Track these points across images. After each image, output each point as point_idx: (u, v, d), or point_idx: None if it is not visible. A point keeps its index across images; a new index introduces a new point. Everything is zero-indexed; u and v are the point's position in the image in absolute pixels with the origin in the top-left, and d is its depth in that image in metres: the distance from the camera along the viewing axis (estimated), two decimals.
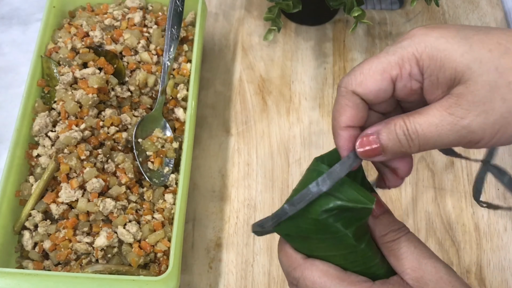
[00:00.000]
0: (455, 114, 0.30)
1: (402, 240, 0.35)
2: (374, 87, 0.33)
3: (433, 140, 0.31)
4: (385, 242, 0.35)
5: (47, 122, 0.55)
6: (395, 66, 0.32)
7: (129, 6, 0.63)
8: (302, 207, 0.34)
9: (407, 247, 0.35)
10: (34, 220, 0.52)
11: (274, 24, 0.61)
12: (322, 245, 0.36)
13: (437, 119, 0.31)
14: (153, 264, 0.51)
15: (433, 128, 0.31)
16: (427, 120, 0.31)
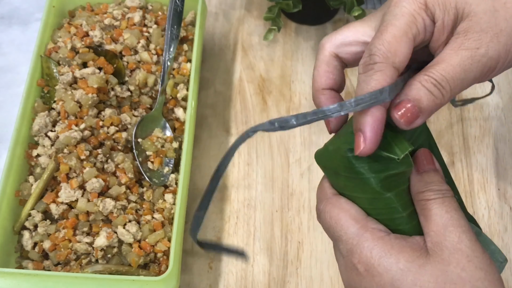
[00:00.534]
0: (470, 48, 0.31)
1: (436, 202, 0.33)
2: (407, 51, 0.32)
3: (461, 79, 0.32)
4: (419, 200, 0.34)
5: (46, 122, 0.55)
6: (412, 25, 0.32)
7: (129, 5, 0.63)
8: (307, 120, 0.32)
9: (439, 209, 0.33)
10: (34, 220, 0.52)
11: (274, 24, 0.61)
12: (350, 184, 0.35)
13: (457, 59, 0.31)
14: (153, 264, 0.51)
15: (458, 68, 0.31)
16: (449, 64, 0.31)
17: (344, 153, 0.34)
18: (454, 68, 0.31)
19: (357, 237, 0.34)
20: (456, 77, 0.31)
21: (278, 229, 0.58)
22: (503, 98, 0.66)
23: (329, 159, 0.36)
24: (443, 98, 0.32)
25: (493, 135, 0.64)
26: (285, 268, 0.56)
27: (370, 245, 0.33)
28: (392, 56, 0.32)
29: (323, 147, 0.37)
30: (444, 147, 0.63)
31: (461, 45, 0.31)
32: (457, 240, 0.32)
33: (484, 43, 0.31)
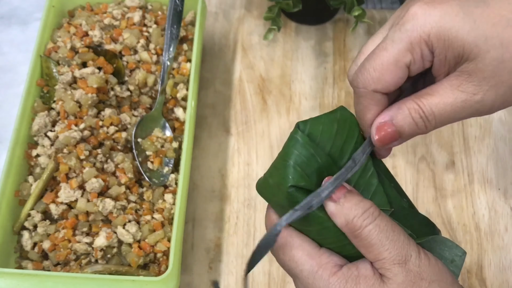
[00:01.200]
0: (467, 91, 0.31)
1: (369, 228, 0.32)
2: (392, 79, 0.33)
3: (448, 117, 0.32)
4: (351, 231, 0.32)
5: (46, 122, 0.55)
6: (407, 53, 0.32)
7: (129, 5, 0.63)
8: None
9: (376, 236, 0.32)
10: (34, 220, 0.52)
11: (274, 24, 0.61)
12: None
13: (451, 98, 0.32)
14: (152, 265, 0.51)
15: (448, 107, 0.32)
16: (442, 100, 0.32)
17: (286, 188, 0.34)
18: (445, 106, 0.32)
19: (312, 275, 0.33)
20: (445, 115, 0.32)
21: None
22: None
23: (271, 192, 0.36)
24: (425, 129, 0.33)
25: (493, 135, 0.64)
26: None
27: (325, 283, 0.32)
28: (375, 83, 0.33)
29: (263, 178, 0.37)
30: (444, 147, 0.63)
31: (460, 85, 0.32)
32: (403, 260, 0.31)
33: (483, 90, 0.31)
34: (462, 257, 0.37)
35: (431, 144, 0.63)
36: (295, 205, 0.34)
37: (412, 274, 0.31)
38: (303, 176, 0.34)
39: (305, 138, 0.35)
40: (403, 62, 0.32)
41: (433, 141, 0.63)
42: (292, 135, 0.35)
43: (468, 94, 0.31)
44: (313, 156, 0.34)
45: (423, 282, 0.31)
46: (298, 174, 0.34)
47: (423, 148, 0.63)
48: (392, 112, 0.33)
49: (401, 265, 0.31)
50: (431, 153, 0.62)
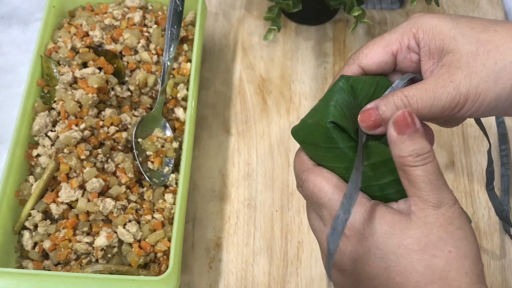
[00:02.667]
0: (445, 79, 0.36)
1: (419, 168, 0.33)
2: (376, 59, 0.39)
3: (429, 102, 0.36)
4: (402, 164, 0.34)
5: (47, 122, 0.55)
6: (395, 42, 0.39)
7: (129, 5, 0.63)
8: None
9: (422, 176, 0.33)
10: (34, 220, 0.52)
11: (274, 24, 0.61)
12: (329, 155, 0.37)
13: (432, 85, 0.36)
14: (153, 264, 0.51)
15: (430, 92, 0.36)
16: (423, 87, 0.36)
17: (325, 124, 0.37)
18: (427, 91, 0.36)
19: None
20: (425, 99, 0.36)
21: (278, 229, 0.58)
22: None
23: (308, 132, 0.39)
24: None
25: (493, 135, 0.64)
26: (285, 268, 0.56)
27: (353, 210, 0.34)
28: (361, 58, 0.40)
29: (301, 122, 0.40)
30: (444, 147, 0.63)
31: (441, 75, 0.36)
32: (438, 204, 0.33)
33: (458, 78, 0.35)
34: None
35: None
36: (331, 142, 0.37)
37: (442, 217, 0.33)
38: (342, 115, 0.37)
39: (348, 86, 0.38)
40: (390, 48, 0.39)
41: None
42: (336, 82, 0.39)
43: (446, 81, 0.35)
44: (351, 103, 0.38)
45: (451, 226, 0.33)
46: (338, 112, 0.37)
47: None
48: (378, 101, 0.37)
49: (434, 208, 0.33)
50: None
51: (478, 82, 0.35)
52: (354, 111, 0.38)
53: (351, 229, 0.34)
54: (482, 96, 0.35)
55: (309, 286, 0.55)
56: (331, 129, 0.37)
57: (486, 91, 0.35)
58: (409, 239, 0.33)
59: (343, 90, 0.38)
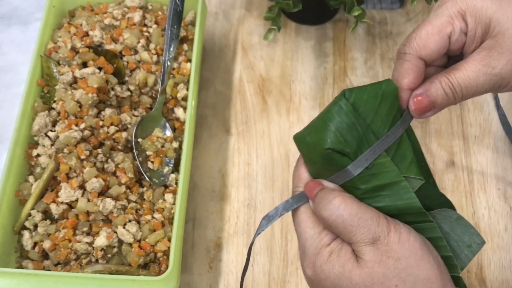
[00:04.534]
0: (487, 65, 0.36)
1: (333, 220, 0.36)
2: (436, 47, 0.38)
3: (473, 89, 0.37)
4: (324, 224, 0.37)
5: (46, 122, 0.55)
6: (448, 25, 0.38)
7: (129, 5, 0.63)
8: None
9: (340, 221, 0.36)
10: (34, 220, 0.52)
11: (274, 24, 0.61)
12: (326, 173, 0.38)
13: (474, 71, 0.36)
14: (153, 264, 0.51)
15: (473, 80, 0.36)
16: (466, 74, 0.36)
17: (323, 150, 0.37)
18: (470, 79, 0.36)
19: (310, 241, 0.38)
20: (470, 86, 0.37)
21: (278, 229, 0.58)
22: (503, 98, 0.66)
23: (307, 149, 0.39)
24: (454, 100, 0.38)
25: (493, 135, 0.64)
26: (285, 268, 0.56)
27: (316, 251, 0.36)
28: (420, 49, 0.38)
29: (301, 134, 0.40)
30: (444, 147, 0.63)
31: (481, 60, 0.36)
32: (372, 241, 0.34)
33: (500, 64, 0.36)
34: (479, 245, 0.39)
35: (431, 144, 0.63)
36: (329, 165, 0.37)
37: (379, 252, 0.34)
38: (341, 141, 0.37)
39: (349, 106, 0.37)
40: (445, 32, 0.38)
41: (433, 141, 0.63)
42: (336, 101, 0.38)
43: (488, 68, 0.36)
44: (354, 125, 0.37)
45: (390, 260, 0.33)
46: (337, 138, 0.37)
47: (423, 148, 0.62)
48: (426, 86, 0.38)
49: (370, 245, 0.34)
50: (431, 152, 0.63)
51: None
52: (357, 132, 0.37)
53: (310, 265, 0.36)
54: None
55: None
56: (329, 155, 0.37)
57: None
58: (356, 280, 0.34)
59: (344, 112, 0.37)
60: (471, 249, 0.39)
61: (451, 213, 0.40)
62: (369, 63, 0.69)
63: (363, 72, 0.68)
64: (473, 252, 0.39)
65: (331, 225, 0.36)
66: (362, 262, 0.34)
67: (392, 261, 0.33)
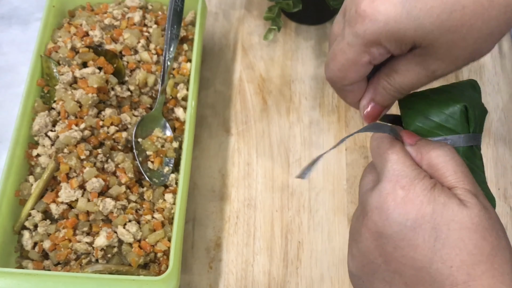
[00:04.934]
0: (427, 69, 0.35)
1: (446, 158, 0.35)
2: (356, 75, 0.37)
3: (415, 88, 0.37)
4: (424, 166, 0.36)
5: (46, 122, 0.55)
6: (364, 54, 0.35)
7: (129, 5, 0.63)
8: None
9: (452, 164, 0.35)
10: (34, 220, 0.52)
11: (274, 24, 0.61)
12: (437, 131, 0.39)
13: (415, 75, 0.35)
14: (153, 264, 0.51)
15: (415, 81, 0.36)
16: (407, 77, 0.36)
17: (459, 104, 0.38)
18: (412, 81, 0.36)
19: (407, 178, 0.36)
20: (411, 87, 0.37)
21: (278, 229, 0.58)
22: (503, 98, 0.66)
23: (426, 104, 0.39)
24: (400, 97, 0.38)
25: (492, 135, 0.64)
26: (285, 268, 0.56)
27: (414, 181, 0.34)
28: (342, 80, 0.38)
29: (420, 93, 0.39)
30: None
31: (420, 63, 0.35)
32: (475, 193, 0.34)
33: (441, 67, 0.34)
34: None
35: None
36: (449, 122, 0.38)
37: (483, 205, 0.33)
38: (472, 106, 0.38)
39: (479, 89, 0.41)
40: (363, 61, 0.35)
41: None
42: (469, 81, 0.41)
43: (428, 71, 0.35)
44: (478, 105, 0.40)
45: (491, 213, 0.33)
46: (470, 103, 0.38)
47: None
48: (371, 94, 0.38)
49: (473, 195, 0.33)
50: None
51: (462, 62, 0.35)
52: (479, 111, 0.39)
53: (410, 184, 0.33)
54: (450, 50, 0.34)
55: (309, 286, 0.55)
56: (460, 111, 0.38)
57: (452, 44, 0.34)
58: (462, 216, 0.32)
59: (476, 91, 0.40)
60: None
61: None
62: None
63: None
64: None
65: (438, 165, 0.34)
66: (468, 204, 0.32)
67: (493, 214, 0.33)
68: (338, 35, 0.38)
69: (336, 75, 0.38)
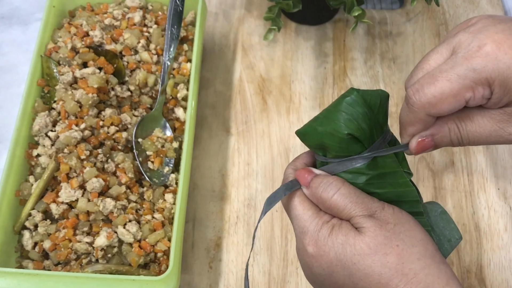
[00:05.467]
0: (504, 129, 0.36)
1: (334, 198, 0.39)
2: (448, 108, 0.35)
3: (479, 142, 0.37)
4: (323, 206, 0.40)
5: (47, 122, 0.55)
6: (468, 90, 0.34)
7: (129, 5, 0.63)
8: None
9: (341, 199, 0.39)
10: (34, 220, 0.52)
11: (274, 24, 0.61)
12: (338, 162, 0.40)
13: (488, 130, 0.36)
14: (153, 264, 0.51)
15: (483, 137, 0.36)
16: (479, 130, 0.36)
17: (341, 135, 0.39)
18: (481, 135, 0.36)
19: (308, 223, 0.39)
20: (478, 141, 0.37)
21: (278, 229, 0.58)
22: None
23: (317, 138, 0.40)
24: (457, 145, 0.38)
25: None
26: (285, 268, 0.56)
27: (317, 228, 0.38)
28: (430, 108, 0.36)
29: (307, 127, 0.41)
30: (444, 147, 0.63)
31: (500, 121, 0.36)
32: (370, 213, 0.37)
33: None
34: (458, 240, 0.42)
35: None
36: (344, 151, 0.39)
37: (378, 221, 0.36)
38: (358, 128, 0.39)
39: (360, 98, 0.39)
40: (463, 97, 0.35)
41: None
42: (347, 94, 0.40)
43: (503, 132, 0.36)
44: (366, 114, 0.39)
45: (389, 224, 0.36)
46: (354, 125, 0.39)
47: None
48: (434, 129, 0.38)
49: (368, 217, 0.37)
50: (431, 153, 0.63)
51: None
52: (369, 122, 0.39)
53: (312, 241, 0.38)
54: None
55: (309, 286, 0.55)
56: (347, 140, 0.39)
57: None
58: (360, 246, 0.36)
59: (357, 103, 0.39)
60: (451, 243, 0.42)
61: (436, 206, 0.43)
62: (369, 63, 0.69)
63: (363, 72, 0.68)
64: (452, 247, 0.42)
65: (330, 205, 0.38)
66: (363, 230, 0.36)
67: (391, 225, 0.36)
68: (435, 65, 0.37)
69: (428, 100, 0.35)
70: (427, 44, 0.71)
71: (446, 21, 0.73)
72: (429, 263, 0.35)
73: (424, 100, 0.35)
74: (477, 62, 0.34)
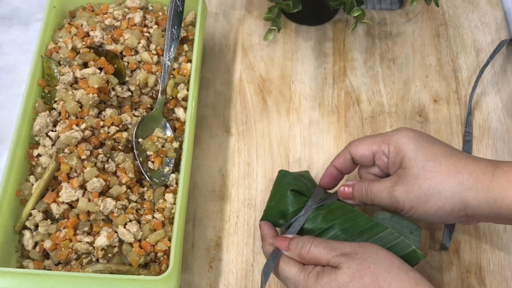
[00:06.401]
0: (392, 187, 0.48)
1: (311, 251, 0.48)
2: (360, 152, 0.52)
3: (377, 199, 0.49)
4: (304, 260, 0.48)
5: (47, 122, 0.55)
6: (377, 144, 0.51)
7: (130, 6, 0.63)
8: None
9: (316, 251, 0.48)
10: (35, 220, 0.52)
11: (274, 24, 0.61)
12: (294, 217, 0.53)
13: (384, 188, 0.49)
14: (153, 264, 0.51)
15: (380, 193, 0.49)
16: (379, 187, 0.49)
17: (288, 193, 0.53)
18: (378, 192, 0.49)
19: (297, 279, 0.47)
20: (376, 196, 0.50)
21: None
22: (502, 98, 0.66)
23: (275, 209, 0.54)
24: (366, 200, 0.51)
25: (492, 135, 0.64)
26: None
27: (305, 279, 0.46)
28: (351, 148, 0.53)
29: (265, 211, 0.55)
30: None
31: (391, 182, 0.48)
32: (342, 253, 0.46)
33: (399, 190, 0.48)
34: (418, 230, 0.50)
35: None
36: (295, 206, 0.52)
37: (349, 256, 0.45)
38: (297, 185, 0.53)
39: (287, 172, 0.55)
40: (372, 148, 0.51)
41: None
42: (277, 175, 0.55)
43: (391, 189, 0.48)
44: (297, 178, 0.54)
45: (358, 254, 0.45)
46: (293, 184, 0.53)
47: None
48: (356, 183, 0.51)
49: (341, 255, 0.45)
50: None
51: (411, 198, 0.47)
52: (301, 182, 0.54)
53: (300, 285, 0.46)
54: (414, 208, 0.47)
55: None
56: (293, 195, 0.52)
57: (417, 206, 0.47)
58: (341, 277, 0.43)
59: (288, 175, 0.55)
60: (414, 234, 0.50)
61: (385, 215, 0.51)
62: (368, 64, 0.69)
63: (363, 72, 0.68)
64: (417, 236, 0.50)
65: (310, 257, 0.46)
66: (340, 266, 0.44)
67: (360, 254, 0.44)
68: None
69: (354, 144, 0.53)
70: (427, 44, 0.71)
71: (445, 21, 0.73)
72: (397, 272, 0.43)
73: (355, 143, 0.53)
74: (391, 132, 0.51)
